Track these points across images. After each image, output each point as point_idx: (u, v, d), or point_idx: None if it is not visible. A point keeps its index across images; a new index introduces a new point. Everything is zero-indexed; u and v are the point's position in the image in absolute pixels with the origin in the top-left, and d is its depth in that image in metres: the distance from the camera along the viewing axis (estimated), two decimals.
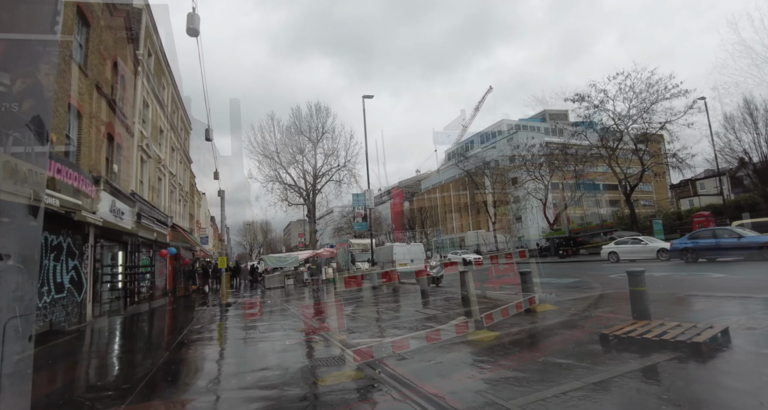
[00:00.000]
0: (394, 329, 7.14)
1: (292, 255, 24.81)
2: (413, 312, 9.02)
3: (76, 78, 9.68)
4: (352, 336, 6.71)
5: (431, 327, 6.93)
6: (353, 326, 7.83)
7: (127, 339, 8.09)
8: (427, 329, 6.71)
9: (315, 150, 32.89)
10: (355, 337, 6.63)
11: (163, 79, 20.78)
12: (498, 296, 10.83)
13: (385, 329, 7.21)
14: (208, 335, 7.91)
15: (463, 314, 8.33)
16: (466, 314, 8.20)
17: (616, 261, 21.23)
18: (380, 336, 6.60)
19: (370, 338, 6.55)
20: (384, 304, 11.05)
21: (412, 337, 6.29)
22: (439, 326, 6.85)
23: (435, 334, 5.92)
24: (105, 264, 12.20)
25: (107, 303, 12.34)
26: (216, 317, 10.82)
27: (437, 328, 6.48)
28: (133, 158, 15.14)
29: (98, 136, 11.26)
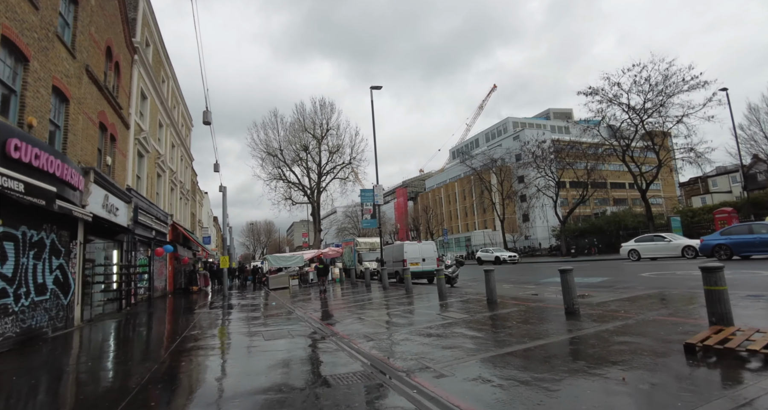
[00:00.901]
0: (418, 336, 6.19)
1: (297, 255, 23.90)
2: (434, 316, 8.07)
3: (61, 58, 8.80)
4: (371, 345, 5.77)
5: (460, 333, 5.97)
6: (370, 332, 6.88)
7: (114, 347, 7.18)
8: (457, 335, 5.76)
9: (319, 147, 32.07)
10: (374, 346, 5.68)
11: (163, 71, 19.95)
12: (529, 296, 9.85)
13: (409, 336, 6.27)
14: (205, 343, 6.99)
15: (489, 319, 7.38)
16: (494, 319, 7.25)
17: (637, 259, 20.19)
18: (403, 344, 5.66)
19: (392, 346, 5.61)
20: (399, 306, 10.10)
21: (444, 346, 5.36)
22: (463, 330, 5.87)
23: (470, 342, 4.99)
24: (97, 264, 11.33)
25: (100, 306, 11.47)
26: (216, 321, 9.90)
27: (470, 335, 5.53)
28: (129, 152, 14.28)
29: (88, 124, 10.38)
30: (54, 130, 8.81)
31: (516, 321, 6.72)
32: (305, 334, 7.20)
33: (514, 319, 6.93)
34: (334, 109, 32.83)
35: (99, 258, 11.75)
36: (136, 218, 14.24)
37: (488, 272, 9.21)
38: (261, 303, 14.05)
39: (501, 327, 6.32)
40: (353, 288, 17.52)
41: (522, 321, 6.67)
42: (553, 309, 7.61)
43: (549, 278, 14.77)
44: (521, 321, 6.75)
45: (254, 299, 15.79)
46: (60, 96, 8.89)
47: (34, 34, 7.61)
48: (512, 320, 6.89)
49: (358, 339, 6.32)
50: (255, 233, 75.07)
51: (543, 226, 53.05)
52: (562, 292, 7.14)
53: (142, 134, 15.33)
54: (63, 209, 7.76)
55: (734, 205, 29.16)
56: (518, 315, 7.26)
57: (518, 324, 6.50)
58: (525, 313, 7.45)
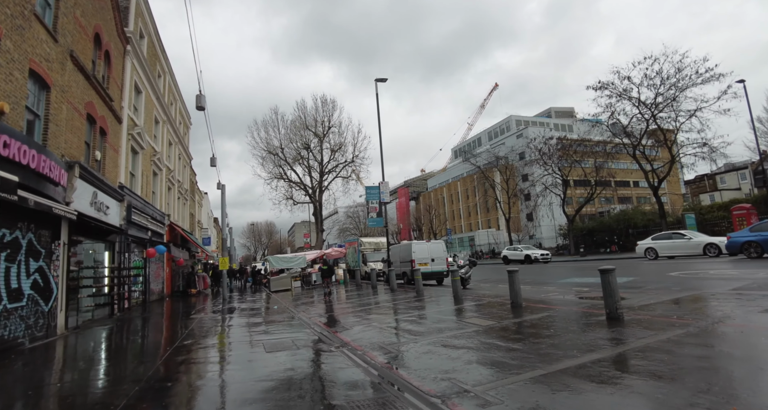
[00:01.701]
0: (443, 347, 5.36)
1: (299, 256, 23.07)
2: (455, 322, 7.23)
3: (40, 40, 8.00)
4: (389, 359, 4.94)
5: (492, 344, 5.13)
6: (385, 342, 6.05)
7: (95, 360, 6.36)
8: (490, 347, 4.91)
9: (321, 145, 31.27)
10: (393, 360, 4.86)
11: (159, 66, 19.17)
12: (555, 298, 9.00)
13: (431, 347, 5.44)
14: (198, 355, 6.17)
15: (520, 326, 6.55)
16: (527, 327, 6.41)
17: (654, 258, 19.32)
18: (428, 358, 4.83)
19: (415, 360, 4.79)
20: (412, 311, 9.26)
21: (478, 361, 4.53)
22: (496, 341, 4.99)
23: (508, 356, 4.15)
24: (86, 266, 10.52)
25: (89, 311, 10.66)
26: (213, 328, 9.08)
27: (512, 347, 4.68)
28: (121, 148, 13.49)
29: (73, 115, 9.58)
30: (33, 119, 8.01)
31: (553, 329, 5.88)
32: (311, 344, 6.37)
33: (550, 326, 6.08)
34: (336, 106, 32.05)
35: (88, 260, 10.95)
36: (130, 217, 13.44)
37: (512, 272, 8.38)
38: (262, 307, 13.23)
39: (539, 337, 5.48)
40: (359, 290, 16.68)
41: (561, 329, 5.83)
42: (591, 314, 6.77)
43: (567, 278, 13.92)
44: (559, 328, 5.90)
45: (255, 303, 14.98)
46: (39, 82, 8.09)
47: (5, 10, 6.81)
48: (548, 327, 6.05)
49: (373, 350, 5.49)
50: (256, 233, 74.22)
51: (547, 225, 52.16)
52: (603, 295, 6.30)
53: (136, 129, 14.53)
54: (41, 206, 6.96)
55: (746, 202, 28.28)
56: (553, 322, 6.42)
57: (557, 332, 5.66)
58: (559, 319, 6.61)
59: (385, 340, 6.18)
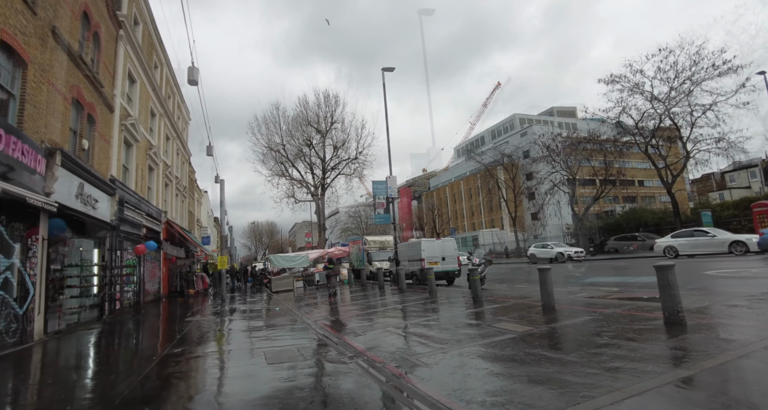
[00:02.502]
0: (480, 359, 4.47)
1: (301, 255, 22.20)
2: (484, 327, 6.34)
3: (15, 10, 7.14)
4: (420, 376, 4.05)
5: (540, 355, 4.23)
6: (406, 352, 5.16)
7: (67, 373, 5.48)
8: (538, 360, 4.00)
9: (324, 142, 30.34)
10: (425, 379, 3.96)
11: (155, 56, 18.33)
12: (588, 300, 8.09)
13: (466, 359, 4.55)
14: (189, 368, 5.30)
15: (563, 332, 5.66)
16: (572, 333, 5.52)
17: (674, 256, 18.40)
18: (467, 375, 3.94)
19: (451, 377, 3.90)
20: (430, 314, 8.37)
21: (535, 380, 3.63)
22: (544, 351, 4.07)
23: (569, 373, 3.25)
24: (70, 264, 9.65)
25: (74, 314, 9.79)
26: (209, 333, 8.20)
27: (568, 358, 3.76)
28: (113, 139, 12.63)
29: (56, 98, 8.71)
30: (6, 98, 7.15)
31: (606, 336, 4.98)
32: (319, 353, 5.48)
33: (601, 333, 5.19)
34: (339, 102, 31.13)
35: (76, 258, 10.09)
36: (122, 213, 12.58)
37: (544, 271, 7.49)
38: (263, 308, 12.36)
39: (594, 346, 4.58)
40: (365, 291, 15.78)
41: (616, 336, 4.93)
42: (642, 318, 5.87)
43: (588, 278, 12.99)
44: (613, 335, 5.01)
45: (256, 304, 14.11)
46: (14, 56, 7.23)
47: None
48: (598, 333, 5.15)
49: (394, 362, 4.60)
50: (256, 233, 73.29)
51: (553, 225, 51.17)
52: (661, 296, 5.41)
53: (129, 119, 13.67)
54: (11, 194, 6.09)
55: (764, 199, 27.33)
56: (601, 327, 5.52)
57: (613, 340, 4.76)
58: (607, 324, 5.71)
59: (406, 349, 5.29)
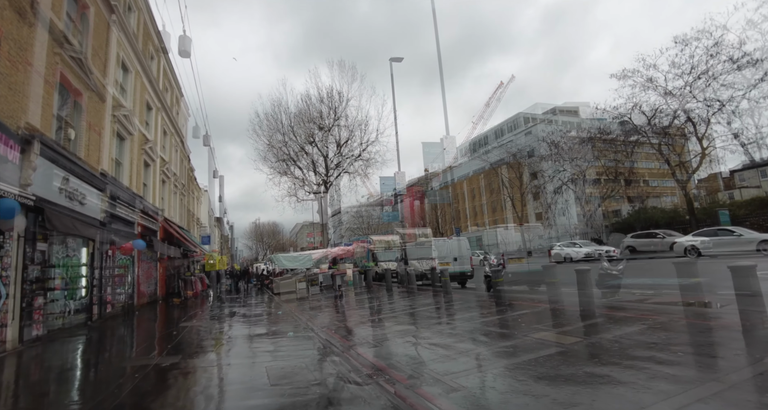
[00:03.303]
0: (533, 381, 3.59)
1: (305, 254, 21.31)
2: (521, 337, 5.45)
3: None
4: (464, 402, 3.17)
5: (606, 376, 3.33)
6: (438, 369, 4.28)
7: (25, 391, 4.62)
8: (607, 381, 3.10)
9: (327, 139, 29.30)
10: (467, 405, 3.09)
11: (152, 46, 17.50)
12: (633, 305, 7.19)
13: (513, 379, 3.66)
14: (177, 384, 4.44)
15: (623, 342, 4.76)
16: (634, 344, 4.63)
17: (697, 257, 17.48)
18: (524, 405, 3.07)
19: (502, 405, 3.03)
20: (453, 321, 7.48)
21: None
22: (610, 371, 3.19)
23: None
24: (54, 264, 8.79)
25: (59, 318, 8.93)
26: (204, 342, 7.34)
27: None
28: (105, 130, 11.80)
29: (35, 79, 7.87)
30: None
31: (680, 351, 4.09)
32: (332, 371, 4.61)
33: (671, 345, 4.30)
34: (343, 97, 30.20)
35: (60, 258, 9.23)
36: (114, 209, 11.74)
37: (582, 272, 6.60)
38: (266, 313, 11.49)
39: (672, 365, 3.69)
40: (373, 293, 14.88)
41: (694, 351, 4.04)
42: (712, 328, 4.98)
43: (614, 279, 12.06)
44: (690, 349, 4.12)
45: (258, 307, 13.25)
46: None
47: None
48: (668, 346, 4.26)
49: (428, 387, 3.72)
50: (258, 233, 72.28)
51: (560, 224, 50.18)
52: (739, 302, 4.52)
53: (122, 110, 12.83)
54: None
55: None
56: (668, 338, 4.63)
57: (696, 355, 3.88)
58: (671, 333, 4.83)
59: (435, 367, 4.40)
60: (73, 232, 8.57)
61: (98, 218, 10.76)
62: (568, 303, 7.48)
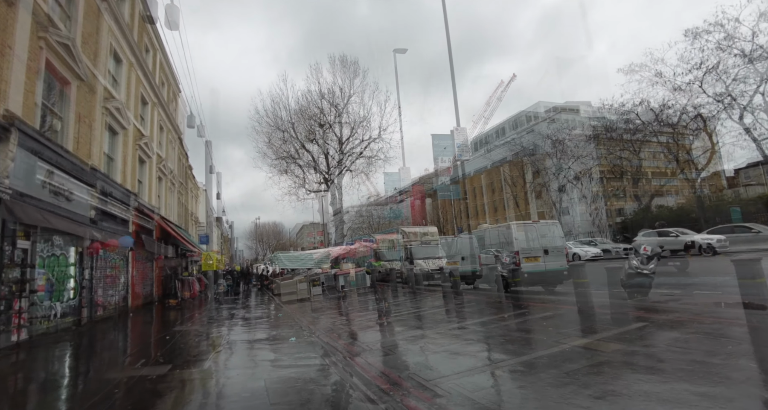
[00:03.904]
0: (601, 402, 2.95)
1: (305, 254, 20.25)
2: (553, 344, 4.81)
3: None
4: None
5: None
6: (470, 386, 3.64)
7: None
8: None
9: (328, 136, 28.13)
10: None
11: (146, 39, 16.89)
12: (677, 307, 6.53)
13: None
14: (162, 405, 3.82)
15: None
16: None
17: (712, 255, 16.85)
18: None
19: None
20: (476, 324, 6.85)
21: None
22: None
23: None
24: (34, 264, 8.16)
25: (43, 322, 8.31)
26: (198, 348, 6.71)
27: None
28: (96, 122, 11.19)
29: (12, 62, 7.25)
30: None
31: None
32: (347, 387, 3.96)
33: (739, 353, 3.67)
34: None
35: (44, 257, 8.61)
36: (105, 206, 11.12)
37: (612, 270, 5.96)
38: (265, 315, 10.85)
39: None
40: (377, 294, 14.08)
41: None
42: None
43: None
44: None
45: (257, 309, 12.60)
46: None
47: None
48: (738, 356, 3.63)
49: (460, 406, 3.09)
50: (257, 233, 71.31)
51: (566, 223, 49.42)
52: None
53: (113, 102, 12.21)
54: None
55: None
56: (726, 342, 3.99)
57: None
58: (728, 337, 4.19)
59: (462, 381, 3.75)
60: (44, 225, 7.91)
61: (87, 214, 10.14)
62: (596, 305, 6.84)
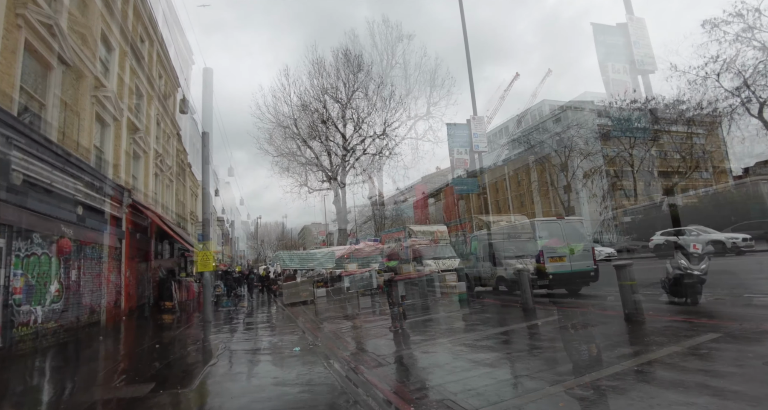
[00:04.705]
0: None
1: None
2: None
3: None
4: None
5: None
6: None
7: None
8: None
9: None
10: None
11: (141, 27, 16.10)
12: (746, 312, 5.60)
13: None
14: None
15: None
16: None
17: (736, 255, 15.96)
18: None
19: None
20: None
21: None
22: None
23: None
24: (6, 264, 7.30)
25: (21, 328, 7.45)
26: (188, 362, 5.85)
27: None
28: (85, 112, 10.40)
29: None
30: None
31: None
32: None
33: None
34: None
35: (20, 257, 7.77)
36: (92, 202, 10.21)
37: None
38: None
39: None
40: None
41: None
42: None
43: None
44: None
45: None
46: None
47: None
48: None
49: None
50: (261, 232, 70.28)
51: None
52: None
53: (102, 91, 11.39)
54: None
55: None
56: None
57: None
58: None
59: None
60: (18, 224, 6.97)
61: (74, 211, 9.29)
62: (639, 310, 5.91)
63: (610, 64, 11.30)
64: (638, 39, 11.35)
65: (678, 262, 6.67)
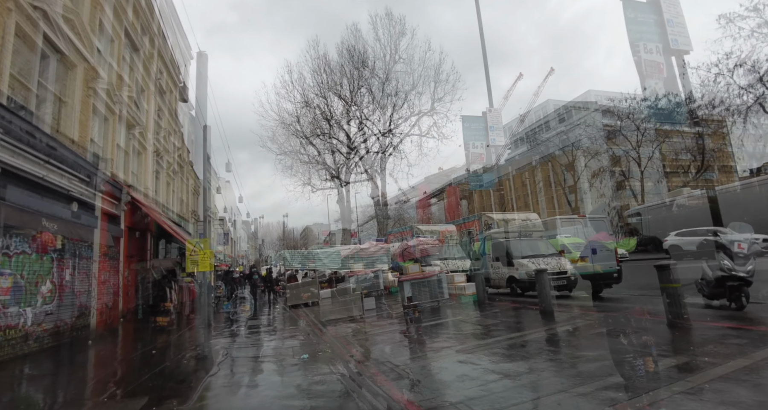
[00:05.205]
0: None
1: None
2: None
3: None
4: None
5: None
6: None
7: None
8: None
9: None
10: None
11: (140, 17, 15.62)
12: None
13: None
14: None
15: None
16: None
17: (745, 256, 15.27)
18: None
19: None
20: None
21: None
22: None
23: None
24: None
25: (9, 331, 6.95)
26: (187, 371, 5.34)
27: None
28: (81, 104, 9.92)
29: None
30: None
31: None
32: None
33: None
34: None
35: (8, 255, 7.26)
36: (88, 199, 9.73)
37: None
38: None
39: None
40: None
41: None
42: None
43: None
44: None
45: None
46: None
47: None
48: None
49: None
50: (258, 236, 69.72)
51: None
52: None
53: (99, 82, 10.89)
54: None
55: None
56: None
57: None
58: None
59: None
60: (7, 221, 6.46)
61: (68, 208, 8.81)
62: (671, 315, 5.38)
63: (642, 44, 10.62)
64: (672, 16, 10.67)
65: (721, 263, 6.15)
